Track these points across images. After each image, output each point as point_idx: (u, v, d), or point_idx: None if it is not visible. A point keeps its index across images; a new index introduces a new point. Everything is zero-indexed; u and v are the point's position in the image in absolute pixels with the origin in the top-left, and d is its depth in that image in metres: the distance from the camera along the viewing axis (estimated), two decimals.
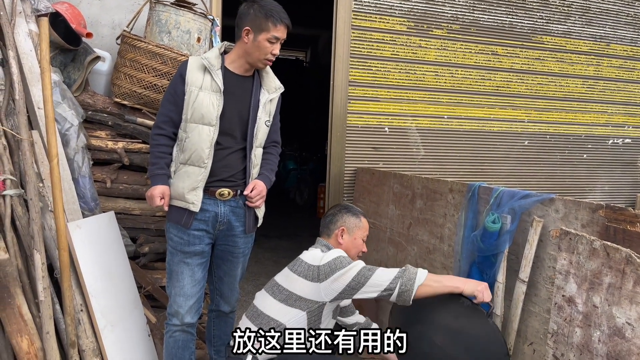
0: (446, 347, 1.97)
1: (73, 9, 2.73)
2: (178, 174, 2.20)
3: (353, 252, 2.25)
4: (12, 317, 2.07)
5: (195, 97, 2.15)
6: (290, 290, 2.07)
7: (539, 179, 4.24)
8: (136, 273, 2.72)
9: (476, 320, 1.95)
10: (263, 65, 2.23)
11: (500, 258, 2.09)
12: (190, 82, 2.17)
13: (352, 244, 2.25)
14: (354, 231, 2.25)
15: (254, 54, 2.16)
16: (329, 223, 2.28)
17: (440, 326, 1.99)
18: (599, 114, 4.34)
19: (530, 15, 4.03)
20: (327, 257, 2.05)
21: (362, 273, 1.98)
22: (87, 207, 2.56)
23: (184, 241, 2.22)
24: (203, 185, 2.18)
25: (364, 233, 2.29)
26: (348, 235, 2.24)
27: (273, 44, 2.15)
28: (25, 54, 2.42)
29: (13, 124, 2.33)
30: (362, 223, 2.28)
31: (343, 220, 2.26)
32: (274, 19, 2.11)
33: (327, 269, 2.01)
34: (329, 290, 2.01)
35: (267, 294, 2.14)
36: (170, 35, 2.71)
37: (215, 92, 2.17)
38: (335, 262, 2.02)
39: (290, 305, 2.05)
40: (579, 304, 1.77)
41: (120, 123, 2.77)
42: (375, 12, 3.64)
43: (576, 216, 1.90)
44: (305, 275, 2.06)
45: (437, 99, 3.88)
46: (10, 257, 2.11)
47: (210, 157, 2.17)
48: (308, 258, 2.12)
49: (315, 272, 2.03)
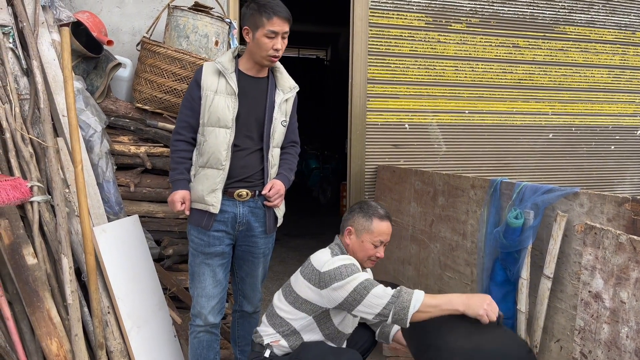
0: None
1: (94, 18, 2.79)
2: (197, 177, 2.23)
3: (360, 255, 2.08)
4: (41, 321, 2.12)
5: (211, 101, 2.19)
6: (297, 292, 2.04)
7: (564, 173, 4.15)
8: (161, 275, 2.76)
9: (489, 333, 1.81)
10: (269, 63, 2.21)
11: (524, 254, 2.06)
12: (205, 86, 2.20)
13: (359, 247, 2.08)
14: (362, 234, 2.07)
15: (257, 52, 2.18)
16: (343, 221, 2.18)
17: (454, 349, 1.82)
18: (626, 104, 4.23)
19: (552, 5, 3.95)
20: (330, 265, 1.94)
21: (357, 290, 1.86)
22: (112, 211, 2.61)
23: (204, 242, 2.25)
24: (222, 187, 2.21)
25: (375, 238, 2.06)
26: (355, 237, 2.09)
27: (272, 39, 2.14)
28: (49, 63, 2.48)
29: (39, 131, 2.39)
30: (373, 227, 2.06)
31: (352, 220, 2.11)
32: (267, 13, 2.10)
33: (327, 277, 1.92)
34: (331, 299, 1.93)
35: (281, 294, 2.13)
36: (189, 40, 2.74)
37: (230, 95, 2.20)
38: (335, 272, 1.91)
39: (297, 308, 2.03)
40: (605, 300, 1.73)
41: (142, 128, 2.81)
42: (392, 8, 3.62)
43: (601, 210, 1.86)
44: (309, 279, 2.00)
45: (457, 94, 3.84)
46: (39, 262, 2.18)
47: (227, 159, 2.20)
48: (315, 261, 2.03)
49: (317, 277, 1.97)
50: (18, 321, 2.20)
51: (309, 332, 2.04)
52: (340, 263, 1.94)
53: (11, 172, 2.27)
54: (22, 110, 2.37)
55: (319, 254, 2.06)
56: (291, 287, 2.08)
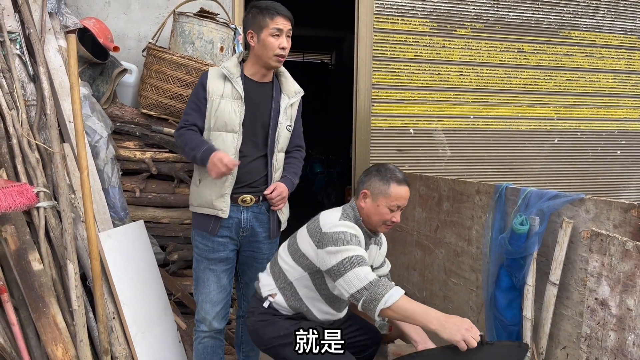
0: None
1: (100, 24, 2.80)
2: (204, 182, 2.23)
3: (375, 219, 2.02)
4: (47, 326, 2.13)
5: (217, 105, 2.19)
6: (298, 245, 2.02)
7: (570, 178, 4.13)
8: (166, 280, 2.77)
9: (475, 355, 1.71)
10: (277, 63, 2.22)
11: (530, 260, 2.05)
12: (211, 90, 2.20)
13: (375, 210, 2.00)
14: (378, 198, 1.99)
15: (264, 53, 2.18)
16: (359, 182, 2.10)
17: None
18: (632, 109, 4.21)
19: (557, 10, 3.94)
20: (333, 227, 1.91)
21: (344, 262, 1.83)
22: (117, 216, 2.62)
23: (208, 248, 2.25)
24: (230, 192, 2.21)
25: (392, 202, 1.99)
26: (371, 200, 2.01)
27: (278, 37, 2.16)
28: (56, 70, 2.50)
29: (45, 137, 2.40)
30: (391, 191, 1.98)
31: (369, 182, 2.02)
32: (270, 13, 2.14)
33: (326, 239, 1.89)
34: (322, 261, 1.91)
35: (286, 244, 2.10)
36: (194, 46, 2.75)
37: (236, 100, 2.20)
38: (334, 236, 1.88)
39: (296, 261, 2.01)
40: (612, 307, 1.72)
41: (148, 133, 2.82)
42: (397, 14, 3.62)
43: (608, 216, 1.85)
44: (311, 234, 1.97)
45: (462, 99, 3.83)
46: (45, 268, 2.18)
47: (236, 165, 2.20)
48: (322, 219, 2.00)
49: (319, 235, 1.93)
50: (24, 327, 2.20)
51: (305, 288, 2.02)
52: (343, 229, 1.90)
53: (18, 178, 2.28)
54: (29, 117, 2.38)
55: (328, 213, 2.04)
56: (295, 239, 2.06)
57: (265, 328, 2.04)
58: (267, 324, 2.04)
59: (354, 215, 2.03)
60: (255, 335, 2.08)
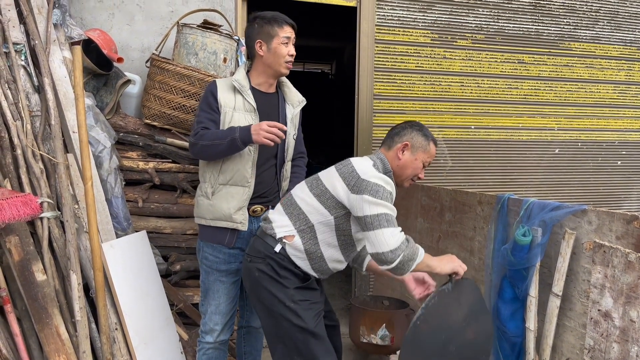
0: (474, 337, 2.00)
1: (104, 35, 2.83)
2: (219, 195, 2.20)
3: (409, 172, 2.06)
4: (50, 337, 2.13)
5: (230, 118, 2.18)
6: (327, 186, 1.96)
7: (571, 188, 4.14)
8: (168, 291, 2.76)
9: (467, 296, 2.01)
10: (286, 70, 2.25)
11: (532, 271, 2.06)
12: (223, 103, 2.20)
13: (412, 164, 2.05)
14: (418, 151, 2.05)
15: (274, 61, 2.21)
16: (394, 135, 2.09)
17: (456, 331, 1.96)
18: (632, 120, 4.23)
19: (557, 21, 3.97)
20: (373, 177, 1.89)
21: (380, 217, 1.83)
22: (120, 227, 2.62)
23: (219, 260, 2.24)
24: (247, 204, 2.21)
25: (428, 159, 2.08)
26: (410, 153, 2.04)
27: (287, 45, 2.21)
28: (60, 80, 2.51)
29: (49, 148, 2.42)
30: (430, 147, 2.08)
31: (411, 136, 2.05)
32: (278, 22, 2.20)
33: (364, 186, 1.87)
34: (355, 206, 1.89)
35: (306, 185, 2.04)
36: (198, 57, 2.77)
37: (249, 112, 2.21)
38: (374, 187, 1.86)
39: (322, 203, 1.95)
40: (615, 319, 1.73)
41: (151, 144, 2.84)
42: (398, 25, 3.65)
43: (610, 228, 1.86)
44: (344, 177, 1.93)
45: (463, 110, 3.85)
46: (48, 278, 2.19)
47: (253, 177, 2.20)
48: (357, 164, 1.96)
49: (355, 180, 1.90)
50: (26, 337, 2.20)
51: (325, 233, 1.97)
52: (382, 183, 1.89)
53: (22, 188, 2.29)
54: (33, 127, 2.40)
55: (360, 160, 2.01)
56: (320, 181, 2.01)
57: (271, 285, 1.95)
58: (274, 282, 1.95)
59: (384, 168, 2.02)
60: (257, 285, 1.98)
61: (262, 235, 2.02)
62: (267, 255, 1.96)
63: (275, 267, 1.95)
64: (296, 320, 1.91)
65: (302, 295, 1.96)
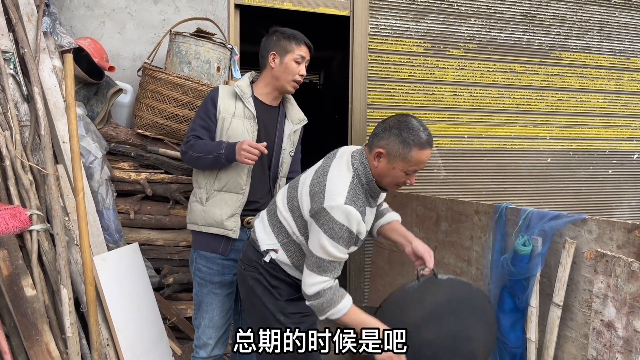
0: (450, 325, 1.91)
1: (95, 44, 2.78)
2: (213, 201, 2.18)
3: (388, 180, 1.81)
4: (39, 354, 2.06)
5: (229, 124, 2.17)
6: (299, 201, 1.82)
7: (563, 197, 4.16)
8: (161, 304, 2.70)
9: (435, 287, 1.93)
10: (292, 88, 2.24)
11: (533, 282, 2.04)
12: (222, 109, 2.18)
13: (390, 172, 1.78)
14: (395, 161, 1.75)
15: (283, 76, 2.19)
16: (374, 135, 1.82)
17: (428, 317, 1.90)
18: (622, 129, 4.27)
19: (548, 31, 4.00)
20: (338, 210, 1.68)
21: (313, 261, 1.73)
22: (112, 239, 2.56)
23: (213, 271, 2.20)
24: (240, 212, 2.18)
25: (411, 167, 1.76)
26: (386, 161, 1.77)
27: (299, 64, 2.20)
28: (50, 90, 2.46)
29: (39, 159, 2.35)
30: (411, 155, 1.73)
31: (387, 142, 1.76)
32: (297, 39, 2.20)
33: (324, 220, 1.69)
34: (309, 229, 1.77)
35: (286, 194, 1.92)
36: (191, 66, 2.73)
37: (248, 119, 2.19)
38: (331, 226, 1.68)
39: (294, 220, 1.84)
40: (618, 329, 1.71)
41: (143, 154, 2.78)
42: (391, 34, 3.65)
43: (611, 237, 1.85)
44: (312, 196, 1.77)
45: (456, 119, 3.85)
46: (38, 293, 2.12)
47: (247, 184, 2.18)
48: (331, 183, 1.75)
49: (318, 206, 1.72)
50: (15, 355, 2.12)
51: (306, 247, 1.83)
52: (345, 220, 1.68)
53: (10, 201, 2.22)
54: (23, 137, 2.33)
55: (338, 175, 1.78)
56: (296, 190, 1.86)
57: (264, 295, 1.89)
58: (267, 292, 1.89)
59: (365, 176, 1.80)
60: (251, 292, 1.92)
61: (253, 243, 1.97)
62: (259, 264, 1.92)
63: (267, 277, 1.91)
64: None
65: (294, 308, 1.92)
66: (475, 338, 1.96)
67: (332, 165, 1.83)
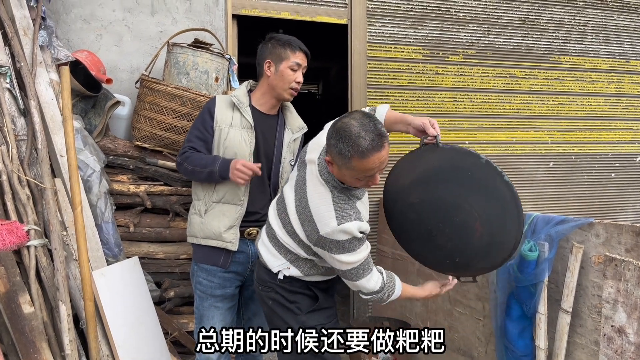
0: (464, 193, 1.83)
1: (92, 56, 2.76)
2: (211, 213, 2.16)
3: (349, 183, 1.75)
4: None
5: (226, 134, 2.14)
6: (294, 227, 1.82)
7: (566, 201, 4.13)
8: (162, 319, 2.66)
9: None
10: (289, 96, 2.21)
11: (540, 288, 2.00)
12: (219, 119, 2.16)
13: (344, 179, 1.73)
14: (342, 169, 1.68)
15: (279, 84, 2.16)
16: (328, 142, 1.72)
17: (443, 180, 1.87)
18: (624, 132, 4.25)
19: (546, 36, 4.00)
20: (334, 233, 1.68)
21: (352, 273, 1.78)
22: (111, 253, 2.52)
23: (214, 284, 2.17)
24: (239, 224, 2.15)
25: (359, 175, 1.68)
26: (337, 169, 1.70)
27: (295, 72, 2.16)
28: (47, 103, 2.44)
29: (36, 173, 2.33)
30: (353, 166, 1.64)
31: (330, 150, 1.69)
32: (292, 46, 2.16)
33: (329, 245, 1.71)
34: (324, 257, 1.79)
35: (279, 220, 1.90)
36: (189, 77, 2.72)
37: (245, 129, 2.16)
38: (339, 245, 1.70)
39: (297, 244, 1.85)
40: (630, 335, 1.67)
41: (142, 166, 2.76)
42: (389, 42, 3.64)
43: (619, 240, 1.81)
44: (304, 225, 1.78)
45: (457, 125, 3.83)
46: (36, 310, 2.08)
47: (246, 195, 2.15)
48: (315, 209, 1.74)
49: (316, 237, 1.73)
50: None
51: (317, 258, 1.87)
52: (346, 236, 1.69)
53: (7, 216, 2.19)
54: (19, 152, 2.31)
55: (315, 198, 1.75)
56: (288, 217, 1.84)
57: (283, 313, 1.91)
58: (286, 310, 1.91)
59: (337, 182, 1.76)
60: (271, 313, 1.96)
61: (263, 265, 1.97)
62: (274, 284, 1.93)
63: (283, 294, 1.92)
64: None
65: (315, 320, 1.92)
66: (469, 209, 1.82)
67: (308, 189, 1.80)
